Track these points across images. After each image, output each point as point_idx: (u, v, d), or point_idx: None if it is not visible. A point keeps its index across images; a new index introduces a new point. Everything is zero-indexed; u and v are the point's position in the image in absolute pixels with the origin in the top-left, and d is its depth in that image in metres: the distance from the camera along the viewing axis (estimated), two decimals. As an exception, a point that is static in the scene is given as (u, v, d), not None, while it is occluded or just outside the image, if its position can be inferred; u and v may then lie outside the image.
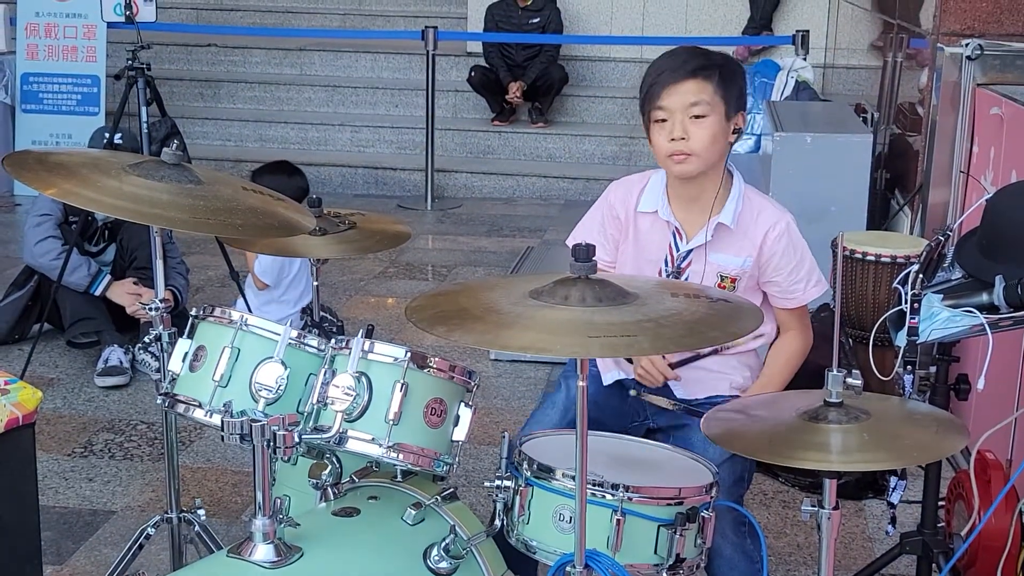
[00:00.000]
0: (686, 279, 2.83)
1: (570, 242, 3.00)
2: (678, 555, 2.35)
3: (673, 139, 2.75)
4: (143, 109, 5.26)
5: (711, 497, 2.42)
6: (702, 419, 2.30)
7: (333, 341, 2.46)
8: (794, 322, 2.92)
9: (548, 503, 2.36)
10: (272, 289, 5.11)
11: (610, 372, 2.94)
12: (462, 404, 2.46)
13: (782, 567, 3.60)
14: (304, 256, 3.16)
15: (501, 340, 2.04)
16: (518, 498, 2.40)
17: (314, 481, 2.52)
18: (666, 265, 2.86)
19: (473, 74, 9.08)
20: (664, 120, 2.76)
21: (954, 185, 4.65)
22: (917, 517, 3.13)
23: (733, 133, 2.79)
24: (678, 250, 2.85)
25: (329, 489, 2.52)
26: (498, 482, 2.41)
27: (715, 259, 2.83)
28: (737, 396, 2.86)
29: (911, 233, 5.20)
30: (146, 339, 2.83)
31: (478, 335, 2.05)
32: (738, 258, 2.84)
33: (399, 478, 2.57)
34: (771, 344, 2.96)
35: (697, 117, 2.73)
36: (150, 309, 2.80)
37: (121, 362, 4.94)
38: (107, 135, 5.21)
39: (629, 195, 2.92)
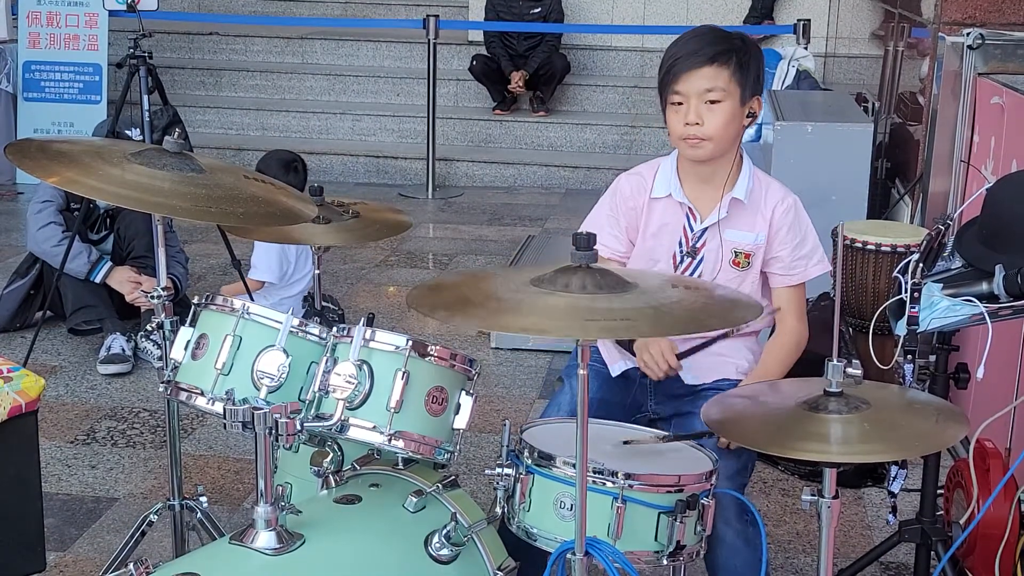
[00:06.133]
0: (701, 259, 2.86)
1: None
2: (678, 542, 2.36)
3: (688, 123, 2.79)
4: (145, 98, 5.25)
5: (711, 485, 2.43)
6: (703, 407, 2.31)
7: (335, 329, 2.47)
8: (793, 310, 2.92)
9: (549, 491, 2.37)
10: (276, 283, 5.12)
11: (617, 363, 2.95)
12: (463, 392, 2.47)
13: (781, 555, 3.61)
14: (306, 244, 3.17)
15: (501, 323, 2.05)
16: (519, 486, 2.41)
17: (316, 469, 2.53)
18: (680, 247, 2.88)
19: (475, 63, 9.07)
20: (680, 103, 2.80)
21: (955, 174, 4.65)
22: (916, 505, 3.14)
23: (748, 117, 2.82)
24: (692, 230, 2.88)
25: (331, 477, 2.53)
26: (499, 470, 2.42)
27: (730, 236, 2.87)
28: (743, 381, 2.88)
29: (911, 222, 5.20)
30: (148, 327, 2.85)
31: (478, 319, 2.06)
32: (751, 233, 2.87)
33: (400, 466, 2.58)
34: (769, 335, 2.97)
35: (712, 103, 2.77)
36: (152, 297, 2.81)
37: (123, 350, 4.95)
38: (126, 130, 5.20)
39: (643, 183, 2.95)
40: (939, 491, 3.18)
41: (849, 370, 2.20)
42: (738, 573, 2.70)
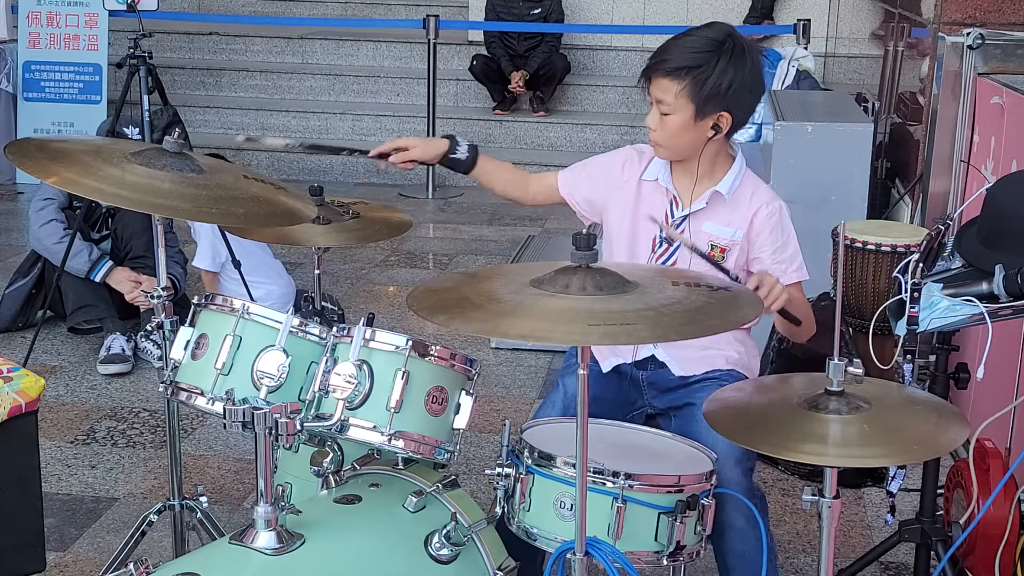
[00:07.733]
0: (678, 246, 2.86)
1: (565, 172, 3.07)
2: (678, 542, 2.36)
3: (649, 126, 2.87)
4: (145, 97, 5.25)
5: (711, 485, 2.43)
6: (704, 403, 2.30)
7: (335, 329, 2.47)
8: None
9: (549, 491, 2.37)
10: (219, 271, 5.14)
11: (607, 360, 2.95)
12: (463, 392, 2.47)
13: (782, 554, 3.61)
14: (307, 244, 3.17)
15: (501, 328, 2.05)
16: (519, 486, 2.41)
17: (316, 469, 2.53)
18: (661, 232, 2.89)
19: (475, 63, 9.08)
20: (651, 103, 2.86)
21: (955, 174, 4.65)
22: (916, 505, 3.14)
23: (711, 129, 2.80)
24: (672, 216, 2.90)
25: (331, 477, 2.53)
26: (499, 470, 2.42)
27: (708, 228, 2.88)
28: (734, 371, 2.88)
29: (911, 222, 5.21)
30: (148, 327, 2.84)
31: (478, 323, 2.06)
32: (729, 228, 2.88)
33: (400, 466, 2.58)
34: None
35: (663, 114, 2.81)
36: (152, 297, 2.81)
37: (123, 350, 4.95)
38: (124, 128, 5.21)
39: (639, 160, 2.98)
40: (939, 491, 3.18)
41: (851, 369, 2.20)
42: (747, 558, 2.69)
